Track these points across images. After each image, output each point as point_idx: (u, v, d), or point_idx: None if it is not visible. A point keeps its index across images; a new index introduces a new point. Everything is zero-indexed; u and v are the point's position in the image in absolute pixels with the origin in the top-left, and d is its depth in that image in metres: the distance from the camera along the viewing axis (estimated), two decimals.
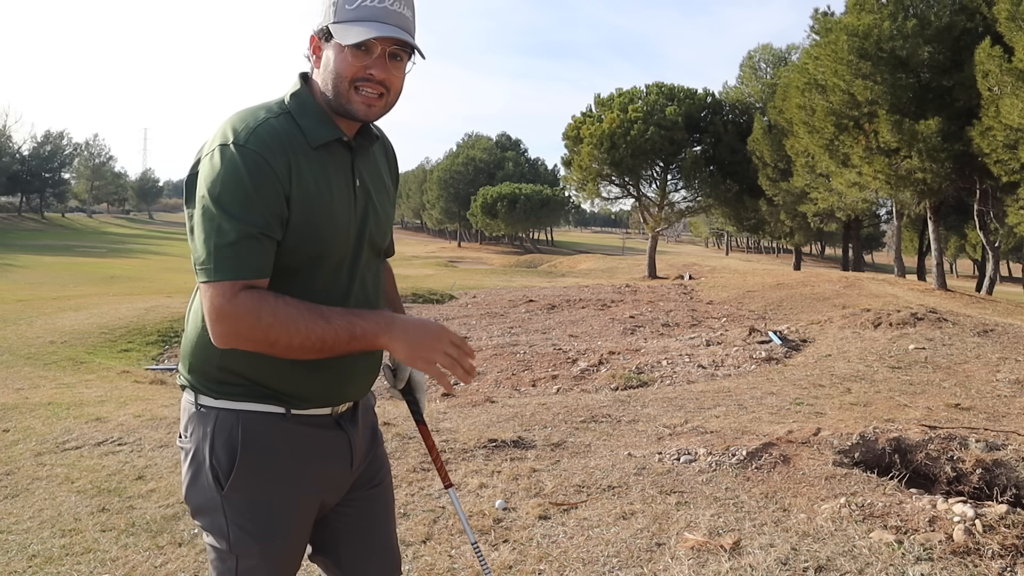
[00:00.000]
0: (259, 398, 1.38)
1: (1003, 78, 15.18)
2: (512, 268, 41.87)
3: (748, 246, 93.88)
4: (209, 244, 1.25)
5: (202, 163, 1.31)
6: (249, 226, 1.25)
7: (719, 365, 7.42)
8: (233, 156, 1.27)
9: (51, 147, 70.85)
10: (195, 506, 1.42)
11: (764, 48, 36.51)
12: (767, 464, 3.74)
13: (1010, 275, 57.55)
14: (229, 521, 1.38)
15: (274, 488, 1.40)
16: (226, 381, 1.38)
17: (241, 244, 1.25)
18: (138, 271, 29.28)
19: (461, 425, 4.76)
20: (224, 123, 1.34)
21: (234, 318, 1.25)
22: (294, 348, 1.28)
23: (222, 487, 1.37)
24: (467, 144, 73.30)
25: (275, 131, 1.32)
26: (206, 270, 1.25)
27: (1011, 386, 5.73)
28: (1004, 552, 2.63)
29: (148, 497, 3.55)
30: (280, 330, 1.26)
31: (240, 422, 1.37)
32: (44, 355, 8.49)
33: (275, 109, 1.37)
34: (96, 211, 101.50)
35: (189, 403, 1.43)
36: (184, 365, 1.44)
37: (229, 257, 1.24)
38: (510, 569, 2.74)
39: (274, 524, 1.40)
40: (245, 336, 1.26)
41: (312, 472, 1.44)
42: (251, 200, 1.26)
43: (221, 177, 1.26)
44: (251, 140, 1.28)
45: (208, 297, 1.26)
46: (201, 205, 1.27)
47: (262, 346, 1.28)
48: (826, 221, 32.88)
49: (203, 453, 1.38)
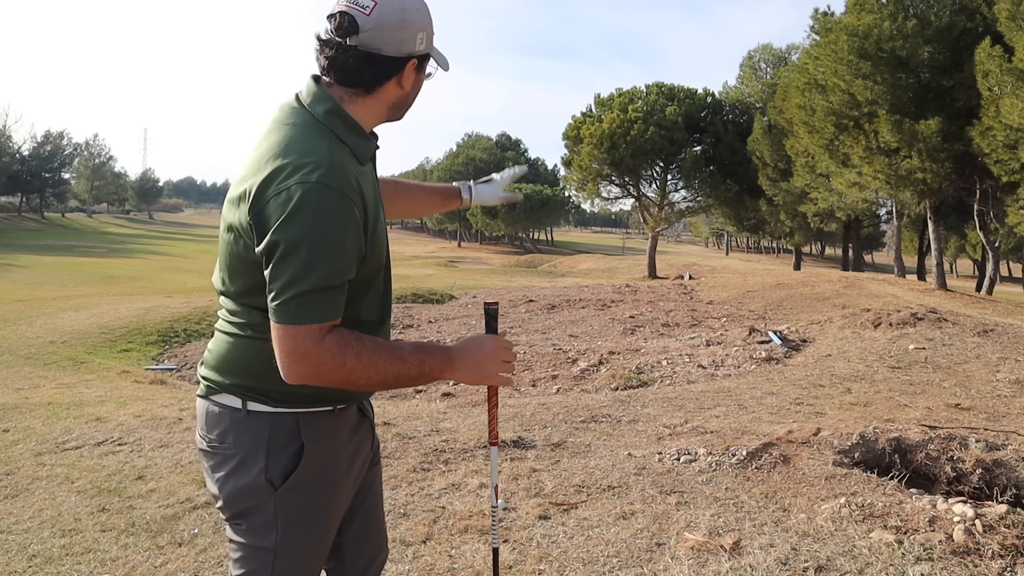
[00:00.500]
0: (314, 402, 1.42)
1: (1003, 78, 15.17)
2: (512, 268, 41.87)
3: (748, 246, 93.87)
4: (292, 289, 1.24)
5: (277, 200, 1.24)
6: (338, 276, 1.26)
7: (719, 365, 7.41)
8: (320, 197, 1.24)
9: (51, 147, 70.87)
10: (239, 509, 1.42)
11: (764, 48, 36.54)
12: (767, 464, 3.74)
13: (1010, 275, 57.56)
14: (279, 518, 1.40)
15: (326, 482, 1.44)
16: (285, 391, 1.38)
17: (330, 291, 1.26)
18: (138, 271, 29.28)
19: (461, 425, 4.76)
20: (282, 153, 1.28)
21: (319, 362, 1.26)
22: (371, 385, 1.33)
23: (276, 487, 1.39)
24: (467, 144, 73.36)
25: (343, 163, 1.31)
26: (288, 312, 1.24)
27: (1011, 386, 5.73)
28: (1004, 552, 2.63)
29: (148, 497, 3.55)
30: (361, 372, 1.30)
31: (300, 423, 1.41)
32: (44, 355, 8.49)
33: (324, 132, 1.34)
34: (96, 211, 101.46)
35: (231, 408, 1.41)
36: (224, 372, 1.43)
37: (317, 303, 1.25)
38: (510, 569, 2.74)
39: (319, 519, 1.45)
40: (326, 378, 1.28)
41: (355, 462, 1.52)
42: (342, 249, 1.26)
43: (311, 221, 1.23)
44: (333, 179, 1.26)
45: (289, 338, 1.25)
46: (284, 245, 1.23)
47: (338, 384, 1.31)
48: (826, 221, 32.90)
49: (256, 456, 1.39)
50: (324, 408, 1.44)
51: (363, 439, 1.56)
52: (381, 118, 1.44)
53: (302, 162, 1.26)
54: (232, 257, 1.36)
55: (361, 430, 1.55)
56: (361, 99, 1.40)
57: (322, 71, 1.39)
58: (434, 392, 6.86)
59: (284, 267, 1.24)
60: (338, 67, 1.35)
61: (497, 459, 1.81)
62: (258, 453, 1.39)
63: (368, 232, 1.34)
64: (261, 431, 1.40)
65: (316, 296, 1.25)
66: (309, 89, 1.40)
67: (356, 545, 1.62)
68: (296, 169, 1.25)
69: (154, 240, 59.51)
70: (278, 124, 1.36)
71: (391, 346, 1.35)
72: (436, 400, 6.32)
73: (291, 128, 1.34)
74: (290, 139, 1.31)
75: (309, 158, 1.27)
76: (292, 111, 1.37)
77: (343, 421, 1.48)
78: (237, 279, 1.38)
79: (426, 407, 5.61)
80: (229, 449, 1.41)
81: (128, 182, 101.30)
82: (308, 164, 1.26)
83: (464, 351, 1.44)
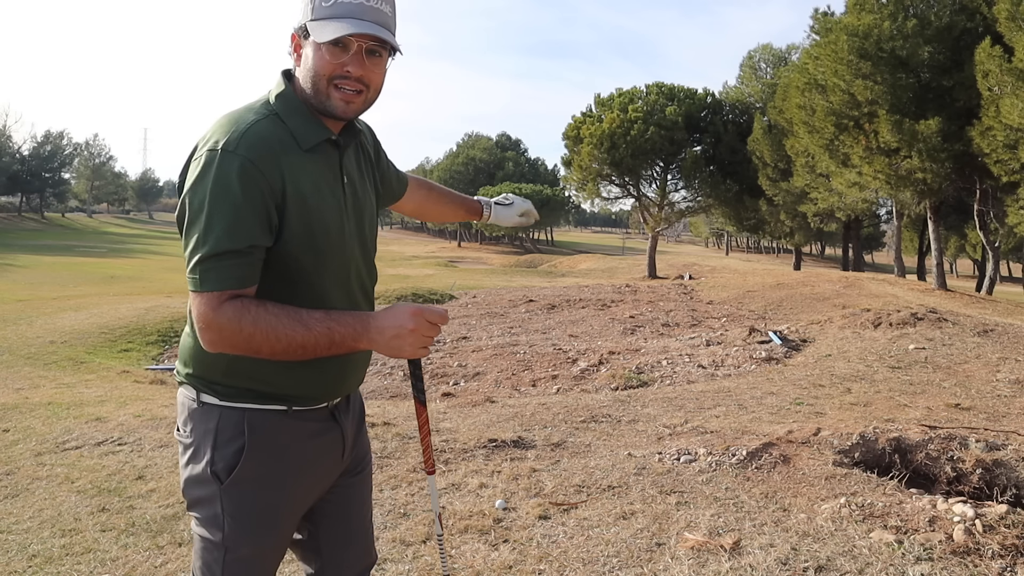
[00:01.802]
0: (263, 399, 1.41)
1: (1003, 78, 15.17)
2: (512, 268, 41.86)
3: (748, 246, 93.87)
4: (196, 254, 1.26)
5: (191, 169, 1.30)
6: (235, 241, 1.25)
7: (719, 365, 7.41)
8: (222, 163, 1.25)
9: (51, 147, 70.90)
10: (192, 498, 1.44)
11: (764, 48, 36.55)
12: (767, 464, 3.74)
13: (1010, 275, 57.55)
14: (225, 514, 1.39)
15: (273, 483, 1.42)
16: (231, 384, 1.39)
17: (226, 257, 1.26)
18: (138, 271, 29.28)
19: (461, 425, 4.76)
20: (213, 126, 1.33)
21: (217, 327, 1.27)
22: (277, 353, 1.30)
23: (222, 481, 1.38)
24: (467, 144, 73.37)
25: (264, 135, 1.31)
26: (193, 280, 1.28)
27: (1011, 386, 5.73)
28: (1004, 552, 2.63)
29: (148, 497, 3.55)
30: (261, 338, 1.27)
31: (245, 419, 1.39)
32: (44, 355, 8.49)
33: (262, 111, 1.35)
34: (96, 211, 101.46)
35: (189, 399, 1.43)
36: (184, 363, 1.45)
37: (214, 268, 1.26)
38: (510, 569, 2.74)
39: (269, 519, 1.43)
40: (229, 343, 1.29)
41: (310, 466, 1.47)
42: (240, 213, 1.25)
43: (210, 186, 1.25)
44: (241, 146, 1.27)
45: (195, 305, 1.29)
46: (189, 212, 1.27)
47: (247, 352, 1.30)
48: (826, 221, 32.89)
49: (205, 448, 1.39)
50: (275, 407, 1.41)
51: (329, 445, 1.51)
52: (316, 101, 1.37)
53: (219, 134, 1.29)
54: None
55: (327, 436, 1.50)
56: (293, 83, 1.41)
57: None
58: (434, 392, 6.87)
59: (189, 233, 1.27)
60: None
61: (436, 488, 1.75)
62: (207, 445, 1.39)
63: (285, 209, 1.31)
64: (211, 423, 1.40)
65: (215, 262, 1.25)
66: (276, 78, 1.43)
67: (337, 550, 1.60)
68: (213, 140, 1.29)
69: (154, 240, 59.50)
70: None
71: (296, 313, 1.30)
72: (436, 400, 6.32)
73: (240, 106, 1.38)
74: (229, 114, 1.35)
75: (229, 129, 1.29)
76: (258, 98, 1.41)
77: (300, 423, 1.45)
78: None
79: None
80: (187, 438, 1.43)
81: (128, 182, 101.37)
82: (224, 136, 1.28)
83: (383, 322, 1.33)
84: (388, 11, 1.37)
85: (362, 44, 1.33)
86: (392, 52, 1.39)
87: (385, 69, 1.41)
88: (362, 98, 1.38)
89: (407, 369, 6.65)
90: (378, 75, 1.39)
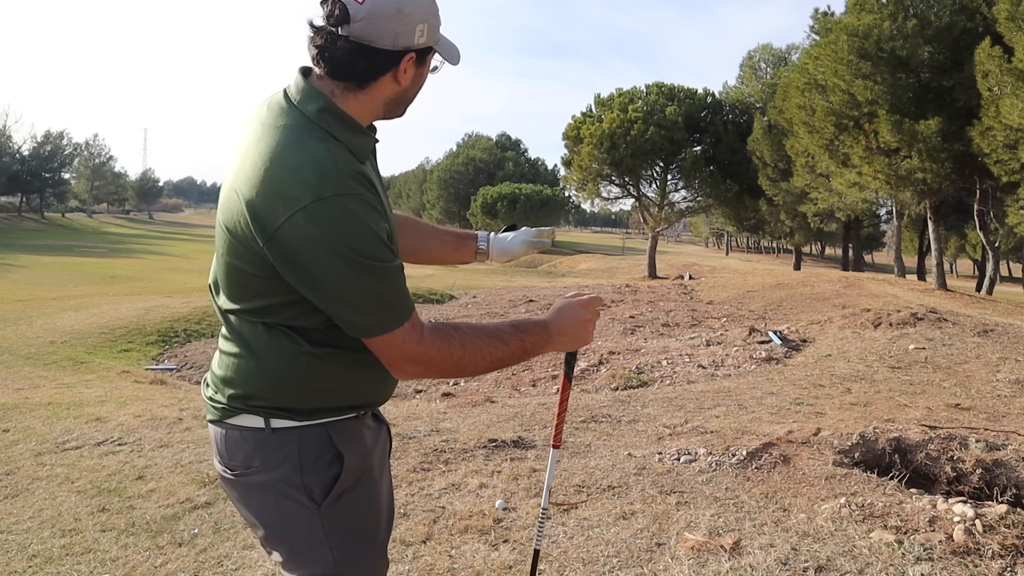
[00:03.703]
0: (341, 411, 1.38)
1: (1003, 78, 15.18)
2: (512, 268, 41.84)
3: (748, 246, 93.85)
4: (376, 298, 1.20)
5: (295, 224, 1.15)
6: (393, 266, 1.22)
7: (719, 365, 7.41)
8: (342, 206, 1.15)
9: (51, 147, 70.83)
10: (284, 536, 1.35)
11: (764, 48, 36.56)
12: (767, 464, 3.74)
13: (1010, 275, 57.55)
14: (330, 536, 1.34)
15: (370, 489, 1.41)
16: (310, 405, 1.33)
17: (396, 285, 1.23)
18: (138, 271, 29.27)
19: (461, 425, 4.76)
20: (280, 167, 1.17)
21: (427, 359, 1.26)
22: (478, 371, 1.33)
23: (319, 504, 1.33)
24: (467, 144, 73.32)
25: (341, 161, 1.20)
26: (384, 323, 1.22)
27: (1011, 386, 5.73)
28: (1004, 552, 2.63)
29: (148, 497, 3.55)
30: (469, 360, 1.30)
31: (331, 432, 1.35)
32: (44, 355, 8.49)
33: (319, 135, 1.22)
34: (96, 211, 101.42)
35: (253, 429, 1.33)
36: (242, 392, 1.33)
37: (391, 303, 1.22)
38: (510, 569, 2.74)
39: (373, 527, 1.42)
40: (436, 370, 1.29)
41: (385, 465, 1.51)
42: (381, 241, 1.20)
43: (344, 232, 1.15)
44: (345, 184, 1.17)
45: (394, 345, 1.24)
46: (333, 266, 1.16)
47: (448, 375, 1.32)
48: (826, 221, 32.90)
49: (290, 475, 1.31)
50: (350, 416, 1.39)
51: (385, 441, 1.54)
52: (377, 115, 1.34)
53: (299, 184, 1.15)
54: (241, 275, 1.27)
55: (382, 433, 1.53)
56: (354, 94, 1.28)
57: (312, 61, 1.28)
58: (434, 392, 6.87)
59: (347, 287, 1.18)
60: (328, 58, 1.24)
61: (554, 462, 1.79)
62: (292, 472, 1.31)
63: (390, 223, 1.26)
64: (290, 447, 1.32)
65: (393, 294, 1.22)
66: (298, 85, 1.28)
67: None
68: (300, 194, 1.15)
69: (154, 240, 59.49)
70: (268, 128, 1.24)
71: (490, 329, 1.34)
72: (436, 400, 6.32)
73: (283, 132, 1.22)
74: (285, 146, 1.20)
75: (309, 174, 1.16)
76: (281, 111, 1.25)
77: (366, 426, 1.45)
78: (249, 296, 1.29)
79: (426, 407, 5.61)
80: (257, 473, 1.33)
81: (128, 182, 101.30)
82: (311, 184, 1.15)
83: (563, 322, 1.43)
84: None
85: None
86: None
87: None
88: None
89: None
90: None
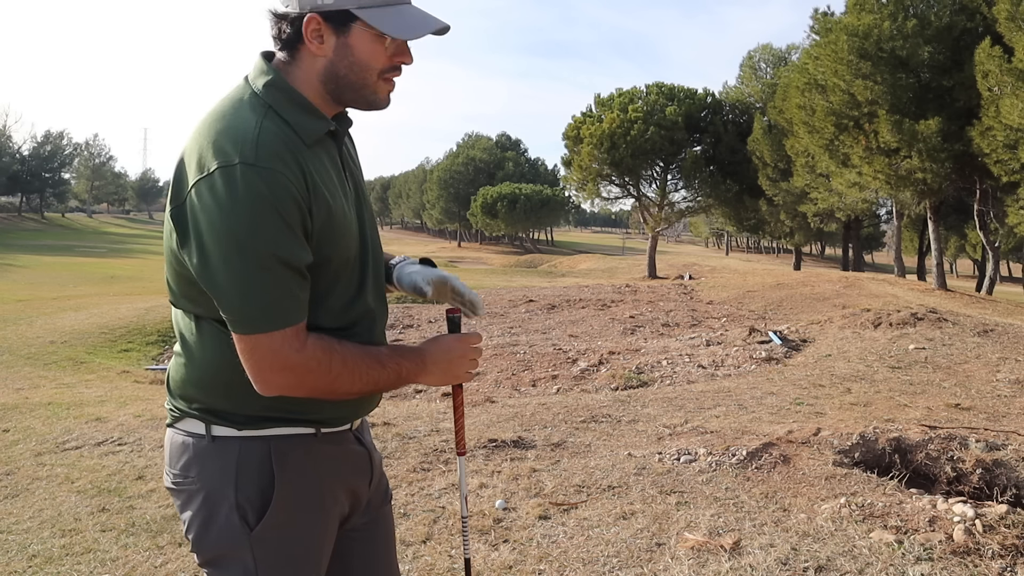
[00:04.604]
0: (290, 423, 1.24)
1: (1003, 78, 15.18)
2: (512, 268, 41.86)
3: (748, 246, 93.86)
4: (251, 289, 1.07)
5: (199, 192, 1.07)
6: (292, 260, 1.09)
7: (719, 365, 7.41)
8: (247, 179, 1.06)
9: (51, 147, 70.83)
10: (211, 555, 1.23)
11: (764, 48, 36.51)
12: (767, 464, 3.74)
13: (1010, 275, 57.55)
14: (259, 564, 1.21)
15: (308, 517, 1.26)
16: (253, 413, 1.21)
17: (290, 284, 1.09)
18: (138, 271, 29.26)
19: None
20: (205, 135, 1.12)
21: (303, 370, 1.12)
22: (351, 393, 1.20)
23: (250, 527, 1.20)
24: (467, 144, 73.29)
25: (276, 136, 1.12)
26: (251, 320, 1.08)
27: (1011, 386, 5.73)
28: (1004, 552, 2.63)
29: (148, 497, 3.55)
30: (346, 379, 1.17)
31: (272, 448, 1.21)
32: (44, 355, 8.49)
33: (257, 107, 1.15)
34: (96, 211, 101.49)
35: (195, 436, 1.23)
36: (183, 396, 1.25)
37: (280, 300, 1.08)
38: (510, 569, 2.74)
39: (307, 558, 1.26)
40: (309, 387, 1.15)
41: (341, 493, 1.33)
42: (284, 229, 1.08)
43: (241, 207, 1.05)
44: (260, 155, 1.08)
45: (269, 349, 1.10)
46: (222, 244, 1.06)
47: (319, 394, 1.17)
48: (826, 221, 32.90)
49: (224, 490, 1.20)
50: (304, 430, 1.24)
51: (358, 469, 1.36)
52: (320, 95, 1.21)
53: (223, 145, 1.08)
54: (173, 258, 1.17)
55: (356, 459, 1.35)
56: (289, 67, 1.20)
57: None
58: (434, 392, 6.86)
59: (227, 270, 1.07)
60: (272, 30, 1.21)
61: (465, 469, 1.68)
62: (226, 487, 1.19)
63: (315, 216, 1.14)
64: (228, 459, 1.20)
65: (278, 292, 1.08)
66: (256, 63, 1.22)
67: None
68: (220, 153, 1.08)
69: (154, 240, 59.45)
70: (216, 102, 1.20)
71: (370, 350, 1.23)
72: (436, 400, 6.32)
73: (222, 102, 1.18)
74: (217, 114, 1.15)
75: (236, 138, 1.09)
76: (234, 87, 1.21)
77: (331, 446, 1.29)
78: (182, 284, 1.19)
79: (426, 407, 5.61)
80: (193, 484, 1.22)
81: (128, 182, 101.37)
82: (233, 147, 1.08)
83: (438, 354, 1.32)
84: None
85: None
86: None
87: None
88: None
89: None
90: None
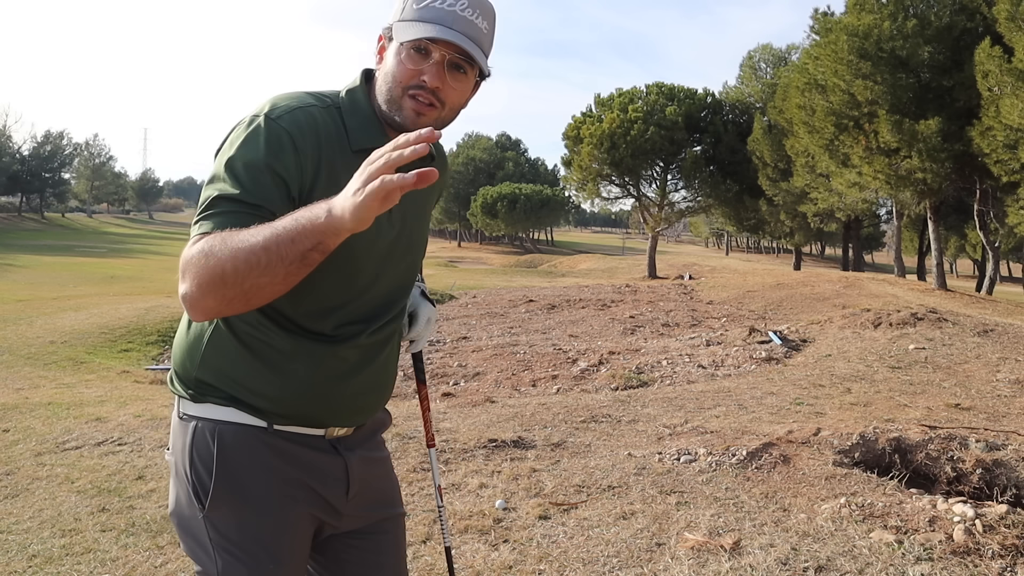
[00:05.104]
0: (236, 405, 1.25)
1: (1003, 78, 15.18)
2: (512, 268, 41.86)
3: (748, 246, 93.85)
4: (201, 204, 1.13)
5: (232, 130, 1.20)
6: (248, 195, 1.11)
7: (719, 365, 7.42)
8: (259, 127, 1.16)
9: (51, 147, 70.82)
10: (179, 526, 1.31)
11: (764, 48, 36.53)
12: (767, 464, 3.74)
13: (1010, 275, 57.57)
14: (214, 544, 1.25)
15: (258, 507, 1.26)
16: (204, 382, 1.26)
17: (235, 204, 1.10)
18: (138, 271, 29.26)
19: (461, 425, 4.76)
20: (269, 98, 1.23)
21: (187, 257, 1.05)
22: (240, 274, 1.01)
23: (203, 505, 1.24)
24: (467, 144, 73.28)
25: (315, 121, 1.20)
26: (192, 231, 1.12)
27: (1011, 386, 5.73)
28: (1004, 552, 2.63)
29: (148, 497, 3.55)
30: (227, 258, 1.01)
31: (217, 432, 1.24)
32: (44, 355, 8.49)
33: (326, 100, 1.24)
34: (96, 211, 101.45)
35: (174, 412, 1.33)
36: (171, 371, 1.35)
37: (216, 214, 1.10)
38: (510, 569, 2.74)
39: (264, 546, 1.26)
40: (193, 273, 1.04)
41: (300, 492, 1.30)
42: (261, 172, 1.12)
43: (241, 142, 1.15)
44: (285, 118, 1.17)
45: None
46: (213, 169, 1.16)
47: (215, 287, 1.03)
48: (826, 221, 32.92)
49: (185, 468, 1.26)
50: (253, 422, 1.25)
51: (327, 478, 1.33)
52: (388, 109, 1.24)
53: (268, 104, 1.20)
54: None
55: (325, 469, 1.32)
56: (372, 84, 1.29)
57: None
58: (434, 392, 6.86)
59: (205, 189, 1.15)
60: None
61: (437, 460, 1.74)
62: (186, 465, 1.26)
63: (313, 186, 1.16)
64: (186, 436, 1.26)
65: (221, 205, 1.10)
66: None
67: None
68: (261, 107, 1.20)
69: (154, 240, 59.47)
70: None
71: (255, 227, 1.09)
72: (436, 400, 6.32)
73: (307, 89, 1.29)
74: (289, 92, 1.26)
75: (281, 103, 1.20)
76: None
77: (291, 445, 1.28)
78: None
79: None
80: (172, 457, 1.30)
81: (128, 182, 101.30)
82: (272, 106, 1.19)
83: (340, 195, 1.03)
84: (484, 28, 1.23)
85: (445, 54, 1.19)
86: (480, 74, 1.25)
87: (468, 89, 1.26)
88: (435, 113, 1.22)
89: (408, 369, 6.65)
90: (457, 93, 1.24)
